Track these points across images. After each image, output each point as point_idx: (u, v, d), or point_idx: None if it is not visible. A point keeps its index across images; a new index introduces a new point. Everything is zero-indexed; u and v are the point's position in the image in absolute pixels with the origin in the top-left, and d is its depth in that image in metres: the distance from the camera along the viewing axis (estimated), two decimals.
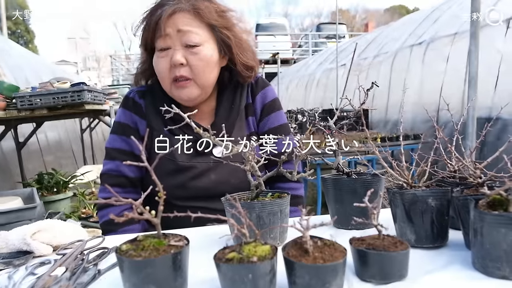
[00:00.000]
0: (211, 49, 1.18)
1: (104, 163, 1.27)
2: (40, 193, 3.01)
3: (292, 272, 0.58)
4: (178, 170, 1.19)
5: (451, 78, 4.45)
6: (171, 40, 1.13)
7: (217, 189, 1.15)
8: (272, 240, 0.79)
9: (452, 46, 4.61)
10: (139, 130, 1.26)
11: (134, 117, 1.27)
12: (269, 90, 1.35)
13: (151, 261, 0.58)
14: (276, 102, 1.35)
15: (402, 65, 5.66)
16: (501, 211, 0.61)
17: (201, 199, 1.19)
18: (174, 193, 1.18)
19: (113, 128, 1.30)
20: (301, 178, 1.00)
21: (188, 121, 0.74)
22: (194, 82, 1.17)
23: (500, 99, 3.51)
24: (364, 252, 0.62)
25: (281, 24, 17.81)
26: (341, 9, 37.33)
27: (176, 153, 1.19)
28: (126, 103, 1.30)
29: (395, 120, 5.37)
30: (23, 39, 26.52)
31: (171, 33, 1.13)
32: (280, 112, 1.36)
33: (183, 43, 1.13)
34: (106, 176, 1.26)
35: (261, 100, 1.32)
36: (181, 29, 1.12)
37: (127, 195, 1.27)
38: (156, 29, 1.13)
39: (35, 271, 0.75)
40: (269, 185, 1.30)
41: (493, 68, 3.68)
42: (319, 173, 3.63)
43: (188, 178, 1.20)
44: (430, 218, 0.72)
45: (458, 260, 0.69)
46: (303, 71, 10.87)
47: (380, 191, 0.85)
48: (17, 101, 2.66)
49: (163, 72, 1.17)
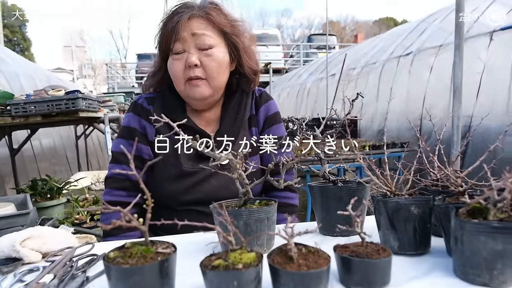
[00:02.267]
0: (223, 52, 1.25)
1: (110, 167, 1.30)
2: (33, 199, 3.00)
3: (277, 279, 0.59)
4: (183, 175, 1.23)
5: (436, 88, 4.57)
6: (186, 43, 1.20)
7: (217, 195, 1.17)
8: (259, 247, 0.80)
9: (437, 57, 4.74)
10: (147, 135, 1.28)
11: (143, 122, 1.29)
12: (272, 103, 1.42)
13: (138, 268, 0.58)
14: (277, 115, 1.41)
15: (389, 75, 5.81)
16: (481, 219, 0.62)
17: (203, 204, 1.21)
18: (178, 198, 1.23)
19: (120, 132, 1.33)
20: (296, 188, 1.02)
21: (178, 130, 0.76)
22: (207, 82, 1.23)
23: (482, 107, 3.60)
24: (347, 259, 0.63)
25: (273, 35, 18.19)
26: (331, 21, 38.09)
27: (182, 158, 1.23)
28: (134, 108, 1.33)
29: (383, 129, 5.48)
30: (19, 46, 26.58)
31: (186, 37, 1.20)
32: (281, 125, 1.42)
33: (197, 46, 1.21)
34: (111, 179, 1.28)
35: (264, 113, 1.38)
36: (195, 33, 1.20)
37: (132, 199, 1.28)
38: (172, 34, 1.20)
39: (23, 278, 0.75)
40: (265, 193, 1.33)
41: (476, 78, 3.78)
42: (308, 181, 3.66)
43: (191, 183, 1.23)
44: (412, 226, 0.73)
45: (439, 267, 0.70)
46: (294, 80, 11.05)
47: (365, 199, 0.87)
48: (11, 108, 2.67)
49: (178, 73, 1.22)
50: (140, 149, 1.27)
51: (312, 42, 17.38)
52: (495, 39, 3.84)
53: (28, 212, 1.39)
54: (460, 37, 2.66)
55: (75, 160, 6.09)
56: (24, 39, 27.39)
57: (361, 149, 3.92)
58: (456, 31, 2.70)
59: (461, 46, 2.67)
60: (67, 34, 36.38)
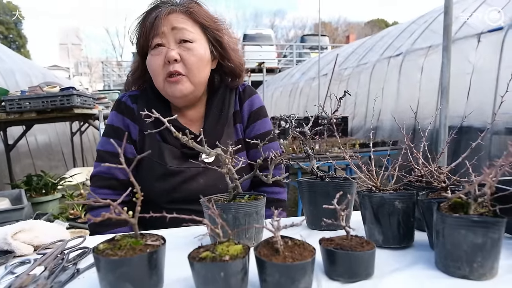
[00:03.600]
0: (204, 48, 1.23)
1: (95, 165, 1.28)
2: (28, 195, 3.01)
3: (263, 271, 0.60)
4: (169, 175, 1.22)
5: (426, 88, 4.65)
6: (166, 38, 1.18)
7: (206, 193, 1.17)
8: (247, 240, 0.82)
9: (427, 58, 4.82)
10: (131, 134, 1.28)
11: (126, 121, 1.29)
12: (256, 97, 1.39)
13: (127, 260, 0.59)
14: (262, 109, 1.39)
15: (380, 75, 5.90)
16: (462, 213, 0.64)
17: (191, 202, 1.21)
18: (165, 197, 1.22)
19: (105, 131, 1.32)
20: (284, 182, 1.03)
21: (168, 126, 0.76)
22: (187, 78, 1.20)
23: (472, 108, 3.65)
24: (332, 251, 0.65)
25: (267, 35, 18.25)
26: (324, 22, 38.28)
27: (167, 158, 1.22)
28: (118, 106, 1.32)
29: (373, 127, 5.56)
30: (15, 44, 26.44)
31: (165, 31, 1.18)
32: (266, 119, 1.39)
33: (177, 39, 1.18)
34: (96, 178, 1.27)
35: (248, 108, 1.36)
36: (175, 27, 1.18)
37: (118, 197, 1.29)
38: (151, 29, 1.17)
39: (14, 270, 0.76)
40: (254, 189, 1.34)
41: (466, 79, 3.83)
42: (299, 177, 3.70)
43: (178, 182, 1.22)
44: (396, 220, 0.75)
45: (422, 260, 0.72)
46: (287, 80, 11.14)
47: (351, 194, 0.89)
48: (6, 104, 2.67)
49: (157, 69, 1.20)
50: (124, 148, 1.26)
51: (305, 42, 17.63)
52: (482, 40, 3.89)
53: (22, 207, 1.41)
54: (448, 39, 2.71)
55: (70, 156, 6.09)
56: (20, 36, 27.24)
57: (352, 147, 3.96)
58: (444, 33, 2.75)
59: (449, 48, 2.72)
60: (63, 31, 36.22)
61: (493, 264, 0.62)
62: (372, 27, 34.45)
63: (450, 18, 2.67)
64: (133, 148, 1.27)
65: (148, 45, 1.21)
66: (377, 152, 3.88)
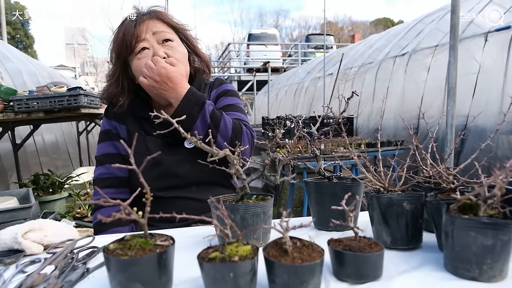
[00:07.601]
0: (181, 46, 1.35)
1: (95, 170, 1.37)
2: (35, 194, 3.04)
3: (271, 271, 0.60)
4: (155, 163, 1.28)
5: (432, 88, 4.60)
6: (149, 42, 1.28)
7: (193, 177, 1.28)
8: (255, 240, 0.82)
9: (433, 57, 4.77)
10: (119, 134, 1.37)
11: (114, 123, 1.38)
12: (226, 85, 1.50)
13: (137, 260, 0.59)
14: (230, 91, 1.48)
15: (385, 74, 5.85)
16: (471, 215, 0.64)
17: (180, 188, 1.29)
18: (154, 185, 1.25)
19: (99, 138, 1.41)
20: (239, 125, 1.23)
21: (167, 117, 0.77)
22: None
23: (478, 107, 3.62)
24: (340, 252, 0.65)
25: (272, 34, 18.21)
26: (329, 21, 38.22)
27: (152, 149, 1.30)
28: (106, 113, 1.43)
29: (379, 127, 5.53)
30: (22, 44, 26.65)
31: (148, 37, 1.28)
32: (234, 98, 1.46)
33: (159, 41, 1.29)
34: (98, 180, 1.34)
35: (215, 93, 1.47)
36: (155, 31, 1.29)
37: (120, 196, 1.34)
38: (132, 38, 1.26)
39: (25, 269, 0.77)
40: None
41: (472, 79, 3.80)
42: (305, 177, 3.71)
43: (164, 169, 1.28)
44: (405, 221, 0.75)
45: (430, 261, 0.72)
46: (292, 79, 11.08)
47: (359, 195, 0.88)
48: (14, 104, 2.69)
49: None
50: (117, 147, 1.35)
51: (310, 42, 17.51)
52: (490, 39, 3.85)
53: (30, 206, 1.42)
54: (455, 38, 2.69)
55: (76, 155, 6.13)
56: (27, 37, 27.47)
57: (357, 147, 3.94)
58: (451, 32, 2.72)
59: (456, 47, 2.69)
60: (69, 32, 36.43)
61: (503, 266, 0.62)
62: (377, 26, 34.30)
63: (457, 17, 2.65)
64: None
65: (129, 54, 1.29)
66: (383, 152, 3.87)
